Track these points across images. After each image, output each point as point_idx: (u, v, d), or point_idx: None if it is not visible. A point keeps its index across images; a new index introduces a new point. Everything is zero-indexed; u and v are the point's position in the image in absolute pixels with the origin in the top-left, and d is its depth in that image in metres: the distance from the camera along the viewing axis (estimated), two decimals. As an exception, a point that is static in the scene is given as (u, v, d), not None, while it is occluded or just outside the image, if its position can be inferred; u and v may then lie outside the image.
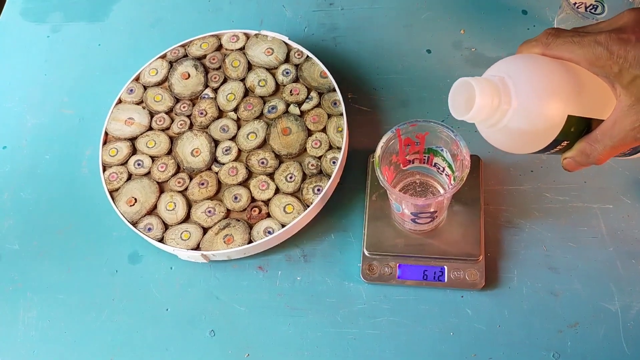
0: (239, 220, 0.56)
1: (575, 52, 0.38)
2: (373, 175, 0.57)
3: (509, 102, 0.37)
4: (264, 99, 0.63)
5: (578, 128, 0.39)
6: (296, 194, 0.57)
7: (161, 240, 0.56)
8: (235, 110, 0.62)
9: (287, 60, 0.64)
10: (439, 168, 0.53)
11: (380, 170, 0.47)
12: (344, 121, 0.59)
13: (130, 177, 0.60)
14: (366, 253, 0.55)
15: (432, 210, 0.51)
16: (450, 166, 0.50)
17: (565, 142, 0.40)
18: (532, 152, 0.41)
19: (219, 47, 0.66)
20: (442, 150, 0.50)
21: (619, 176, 0.57)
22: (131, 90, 0.64)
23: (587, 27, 0.39)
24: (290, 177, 0.58)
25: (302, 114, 0.61)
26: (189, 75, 0.64)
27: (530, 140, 0.40)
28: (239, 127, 0.61)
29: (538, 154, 0.41)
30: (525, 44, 0.41)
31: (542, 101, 0.37)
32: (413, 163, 0.53)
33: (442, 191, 0.54)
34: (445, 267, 0.54)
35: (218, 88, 0.64)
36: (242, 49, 0.65)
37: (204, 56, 0.66)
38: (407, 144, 0.50)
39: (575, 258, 0.54)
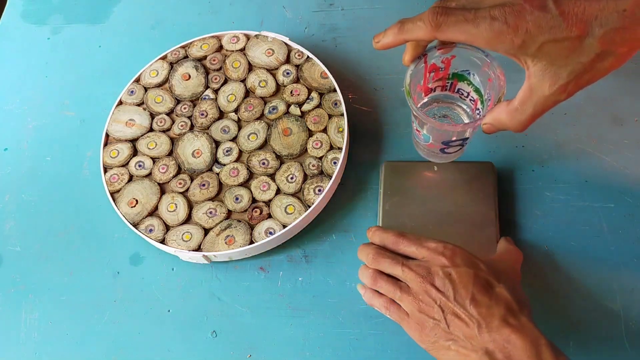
0: (240, 221, 0.57)
1: (470, 32, 0.36)
2: (386, 183, 0.57)
3: None
4: (264, 100, 0.63)
5: None
6: (297, 194, 0.57)
7: (162, 241, 0.56)
8: (236, 111, 0.62)
9: (287, 61, 0.64)
10: (462, 94, 0.51)
11: (412, 100, 0.45)
12: (344, 121, 0.59)
13: (131, 178, 0.60)
14: None
15: (466, 136, 0.49)
16: (477, 90, 0.48)
17: None
18: None
19: (220, 48, 0.66)
20: (469, 74, 0.48)
21: (620, 175, 0.57)
22: (132, 91, 0.64)
23: (467, 1, 0.37)
24: (291, 178, 0.58)
25: (303, 114, 0.61)
26: (189, 76, 0.64)
27: None
28: (239, 128, 0.61)
29: None
30: (407, 24, 0.39)
31: None
32: (435, 91, 0.51)
33: (464, 117, 0.53)
34: None
35: (219, 89, 0.64)
36: (242, 49, 0.65)
37: (205, 57, 0.66)
38: (432, 70, 0.47)
39: (577, 257, 0.54)
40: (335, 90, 0.61)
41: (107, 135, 0.62)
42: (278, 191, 0.58)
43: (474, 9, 0.36)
